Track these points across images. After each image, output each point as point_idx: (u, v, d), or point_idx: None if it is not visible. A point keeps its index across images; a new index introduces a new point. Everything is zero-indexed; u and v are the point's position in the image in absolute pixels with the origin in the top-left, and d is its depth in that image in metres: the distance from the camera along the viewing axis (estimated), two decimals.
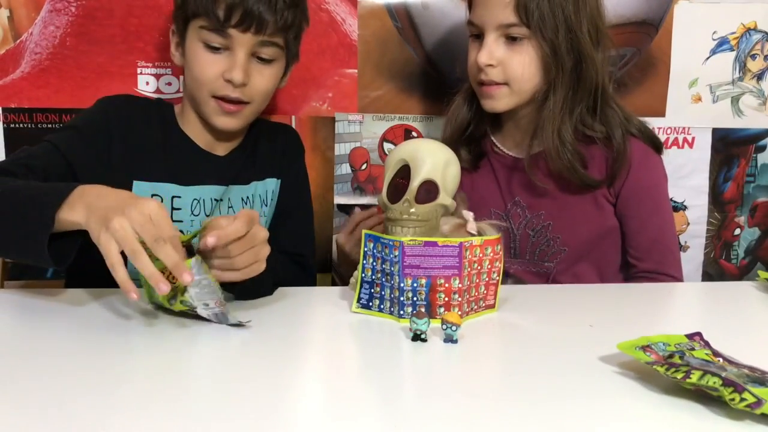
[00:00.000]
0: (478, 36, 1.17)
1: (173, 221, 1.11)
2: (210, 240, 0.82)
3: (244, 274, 0.88)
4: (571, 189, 1.20)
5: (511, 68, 1.14)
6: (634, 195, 1.21)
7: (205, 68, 1.09)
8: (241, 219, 0.85)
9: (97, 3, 1.30)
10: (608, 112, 1.19)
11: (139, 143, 1.13)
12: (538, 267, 1.24)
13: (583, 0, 1.13)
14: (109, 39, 1.31)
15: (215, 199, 1.18)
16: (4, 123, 1.31)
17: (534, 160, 1.20)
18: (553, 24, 1.11)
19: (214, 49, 1.09)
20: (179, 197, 1.15)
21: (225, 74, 1.08)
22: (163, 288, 0.76)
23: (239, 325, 0.85)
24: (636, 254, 1.23)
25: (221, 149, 1.20)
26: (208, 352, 0.80)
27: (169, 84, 1.35)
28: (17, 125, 1.32)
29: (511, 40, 1.13)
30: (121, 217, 0.77)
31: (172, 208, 1.14)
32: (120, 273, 0.77)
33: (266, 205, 1.25)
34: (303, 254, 1.25)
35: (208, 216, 1.17)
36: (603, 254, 1.25)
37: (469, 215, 1.01)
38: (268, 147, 1.25)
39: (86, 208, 0.81)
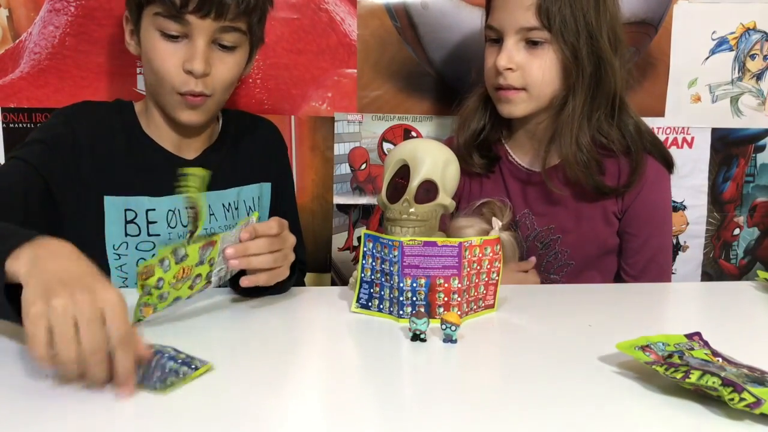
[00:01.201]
0: (497, 40, 1.16)
1: (149, 235, 1.08)
2: (243, 237, 0.86)
3: (271, 276, 0.90)
4: (584, 198, 1.20)
5: (530, 73, 1.13)
6: (641, 214, 1.21)
7: (164, 60, 1.02)
8: (275, 220, 0.89)
9: (96, 3, 1.30)
10: (626, 120, 1.18)
11: (107, 154, 1.07)
12: (543, 279, 1.24)
13: (603, 5, 1.12)
14: (109, 39, 1.31)
15: None
16: (3, 123, 1.31)
17: (550, 172, 1.19)
18: (574, 28, 1.10)
19: (172, 38, 1.01)
20: (153, 210, 1.09)
21: (185, 65, 1.01)
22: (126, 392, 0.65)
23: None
24: (632, 272, 1.23)
25: (190, 151, 1.14)
26: (206, 351, 0.80)
27: None
28: (16, 125, 1.32)
29: (531, 44, 1.12)
30: (68, 299, 0.63)
31: (147, 222, 1.09)
32: (40, 351, 0.62)
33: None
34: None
35: (185, 227, 1.11)
36: (606, 268, 1.25)
37: (497, 224, 1.02)
38: (252, 147, 1.20)
39: (31, 261, 0.68)
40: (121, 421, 0.62)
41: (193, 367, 0.71)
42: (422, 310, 0.87)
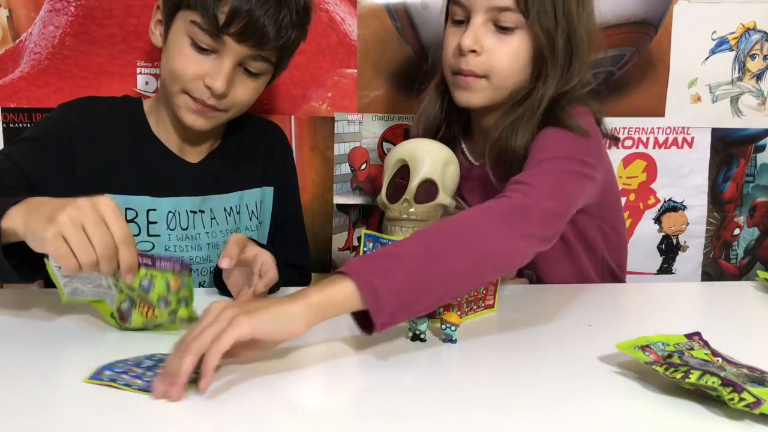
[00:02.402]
0: (461, 22, 1.07)
1: (149, 235, 1.07)
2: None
3: None
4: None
5: (496, 59, 1.03)
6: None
7: (186, 66, 1.00)
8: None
9: (96, 3, 1.30)
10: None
11: (107, 152, 1.06)
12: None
13: (583, 1, 1.05)
14: (109, 39, 1.31)
15: (191, 211, 1.11)
16: (3, 123, 1.31)
17: (492, 165, 1.08)
18: (552, 15, 1.02)
19: (201, 50, 0.99)
20: (154, 210, 1.07)
21: (206, 79, 0.99)
22: (128, 279, 0.76)
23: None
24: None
25: (193, 155, 1.13)
26: None
27: None
28: (17, 125, 1.31)
29: (501, 29, 1.03)
30: (72, 209, 0.71)
31: (148, 222, 1.08)
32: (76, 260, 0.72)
33: (257, 217, 1.18)
34: (304, 266, 1.22)
35: (185, 230, 1.10)
36: (575, 236, 1.15)
37: None
38: (255, 151, 1.18)
39: (25, 212, 0.75)
40: (120, 422, 0.62)
41: None
42: None
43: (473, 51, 1.03)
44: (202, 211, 1.12)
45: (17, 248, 0.77)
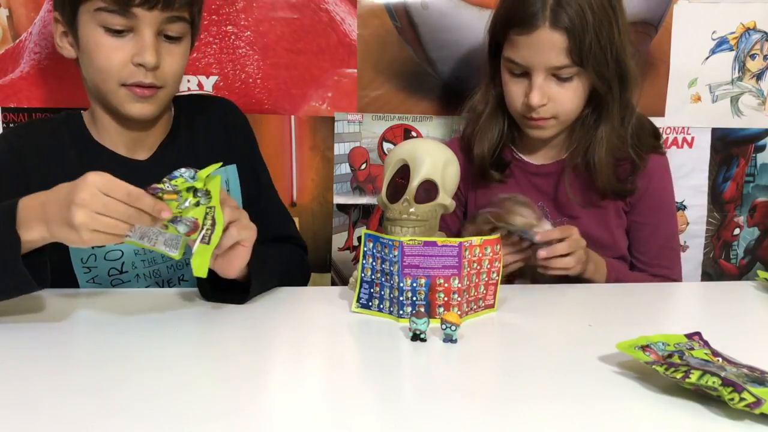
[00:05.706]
0: (519, 73, 1.16)
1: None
2: None
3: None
4: (596, 192, 1.22)
5: (561, 103, 1.16)
6: (651, 205, 1.25)
7: (110, 56, 0.98)
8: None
9: None
10: (638, 121, 1.22)
11: (58, 170, 1.00)
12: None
13: (622, 22, 1.15)
14: None
15: None
16: (3, 123, 1.31)
17: (565, 173, 1.22)
18: (604, 59, 1.12)
19: (117, 33, 0.97)
20: None
21: (135, 58, 0.98)
22: (165, 214, 0.80)
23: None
24: (645, 259, 1.26)
25: (144, 150, 1.10)
26: (208, 351, 0.80)
27: None
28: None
29: (560, 78, 1.14)
30: (77, 210, 0.76)
31: None
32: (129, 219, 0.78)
33: None
34: (292, 235, 1.21)
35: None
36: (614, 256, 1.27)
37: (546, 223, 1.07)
38: (209, 131, 1.15)
39: (42, 221, 0.79)
40: (121, 419, 0.62)
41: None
42: (422, 309, 0.87)
43: (541, 105, 1.14)
44: None
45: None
